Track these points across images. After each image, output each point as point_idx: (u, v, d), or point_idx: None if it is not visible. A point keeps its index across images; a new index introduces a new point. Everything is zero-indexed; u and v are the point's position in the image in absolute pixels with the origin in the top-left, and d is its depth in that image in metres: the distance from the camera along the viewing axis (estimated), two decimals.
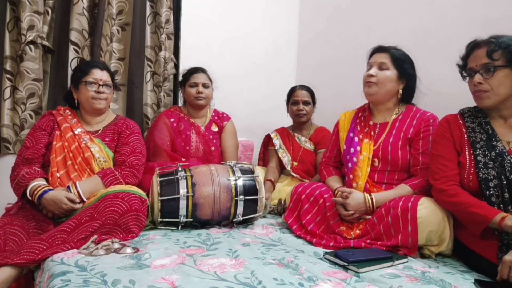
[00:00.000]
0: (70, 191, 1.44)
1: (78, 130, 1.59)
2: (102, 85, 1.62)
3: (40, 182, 1.44)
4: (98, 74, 1.62)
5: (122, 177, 1.53)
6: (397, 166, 1.48)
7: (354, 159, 1.53)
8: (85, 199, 1.44)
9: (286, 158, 2.12)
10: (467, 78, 1.26)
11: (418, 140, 1.47)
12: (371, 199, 1.41)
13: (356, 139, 1.56)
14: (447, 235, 1.26)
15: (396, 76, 1.51)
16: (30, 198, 1.41)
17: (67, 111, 1.66)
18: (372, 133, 1.55)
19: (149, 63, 2.25)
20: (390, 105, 1.56)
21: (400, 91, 1.53)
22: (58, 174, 1.50)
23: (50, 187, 1.44)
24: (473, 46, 1.24)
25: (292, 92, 2.18)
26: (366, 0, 2.33)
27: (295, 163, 2.11)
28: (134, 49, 2.16)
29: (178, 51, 2.37)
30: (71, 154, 1.54)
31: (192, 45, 2.42)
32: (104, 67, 1.68)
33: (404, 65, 1.51)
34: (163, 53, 2.24)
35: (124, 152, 1.61)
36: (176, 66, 2.35)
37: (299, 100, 2.12)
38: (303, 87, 2.17)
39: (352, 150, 1.55)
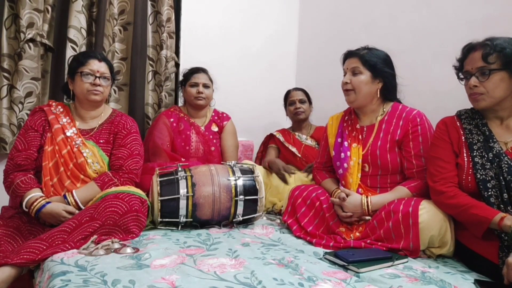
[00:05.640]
0: (67, 199, 1.42)
1: (70, 132, 1.51)
2: (99, 77, 1.53)
3: (36, 193, 1.39)
4: (95, 65, 1.53)
5: (121, 184, 1.49)
6: (387, 170, 1.47)
7: (345, 165, 1.52)
8: (82, 207, 1.40)
9: (294, 149, 2.16)
10: (464, 80, 1.27)
11: (408, 142, 1.45)
12: (367, 202, 1.40)
13: (345, 143, 1.55)
14: (448, 239, 1.26)
15: (370, 78, 1.49)
16: (26, 210, 1.38)
17: (59, 107, 1.57)
18: (360, 137, 1.54)
19: (150, 62, 2.25)
20: (373, 106, 1.54)
21: (378, 91, 1.51)
22: (51, 183, 1.45)
23: (47, 200, 1.39)
24: (468, 49, 1.24)
25: (287, 94, 2.30)
26: (366, 0, 2.33)
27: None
28: (136, 48, 2.15)
29: (179, 50, 2.37)
30: (62, 160, 1.47)
31: (192, 45, 2.41)
32: (103, 58, 1.58)
33: (376, 65, 1.49)
34: (164, 52, 2.23)
35: (121, 156, 1.55)
36: (177, 65, 2.34)
37: (295, 99, 2.22)
38: (297, 88, 2.30)
39: (342, 155, 1.54)
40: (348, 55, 1.56)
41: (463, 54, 1.27)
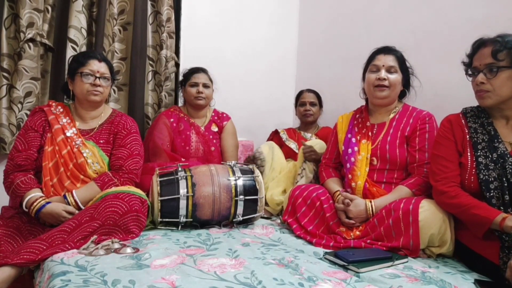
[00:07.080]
0: (67, 199, 1.42)
1: (70, 132, 1.51)
2: (99, 78, 1.53)
3: (36, 193, 1.39)
4: (96, 66, 1.53)
5: (121, 184, 1.49)
6: (395, 164, 1.49)
7: (352, 159, 1.54)
8: (82, 207, 1.40)
9: (293, 145, 2.21)
10: (471, 76, 1.25)
11: (414, 137, 1.49)
12: (371, 206, 1.41)
13: (354, 139, 1.58)
14: (448, 237, 1.26)
15: (401, 79, 1.54)
16: (26, 210, 1.38)
17: (59, 107, 1.57)
18: (370, 133, 1.56)
19: (150, 62, 2.24)
20: (392, 106, 1.58)
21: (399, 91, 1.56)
22: (51, 183, 1.45)
23: (47, 200, 1.39)
24: (479, 45, 1.22)
25: (299, 95, 2.35)
26: (366, 0, 2.33)
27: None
28: (136, 48, 2.15)
29: (179, 50, 2.37)
30: (62, 160, 1.47)
31: (192, 45, 2.41)
32: (103, 58, 1.58)
33: (407, 68, 1.55)
34: (164, 52, 2.23)
35: (121, 156, 1.55)
36: (177, 65, 2.34)
37: (306, 101, 2.26)
38: (310, 90, 2.32)
39: (350, 150, 1.56)
40: (384, 51, 1.55)
41: (473, 50, 1.24)
